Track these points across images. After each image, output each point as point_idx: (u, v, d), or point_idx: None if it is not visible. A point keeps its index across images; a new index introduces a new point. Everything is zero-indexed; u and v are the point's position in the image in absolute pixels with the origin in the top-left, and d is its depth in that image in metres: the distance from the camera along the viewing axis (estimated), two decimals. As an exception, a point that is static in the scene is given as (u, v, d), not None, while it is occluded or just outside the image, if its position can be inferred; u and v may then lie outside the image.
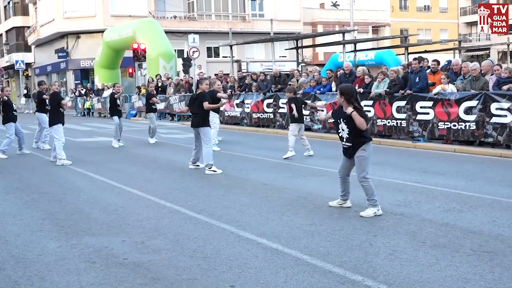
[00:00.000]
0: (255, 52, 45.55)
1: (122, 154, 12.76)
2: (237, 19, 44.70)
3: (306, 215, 6.91)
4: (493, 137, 12.38)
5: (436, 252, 5.30)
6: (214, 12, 44.22)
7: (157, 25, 32.21)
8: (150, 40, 30.19)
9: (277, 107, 18.76)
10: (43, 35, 45.13)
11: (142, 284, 4.62)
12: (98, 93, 32.95)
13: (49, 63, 46.39)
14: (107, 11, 40.36)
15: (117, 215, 7.15)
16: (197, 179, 9.79)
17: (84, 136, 18.90)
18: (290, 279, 4.67)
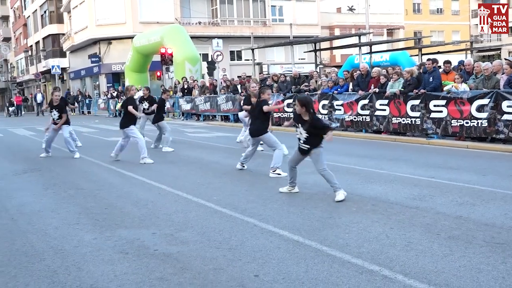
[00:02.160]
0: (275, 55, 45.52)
1: (151, 152, 12.83)
2: (258, 24, 44.68)
3: (325, 209, 6.90)
4: (504, 133, 12.22)
5: (450, 244, 5.26)
6: (236, 18, 44.25)
7: (183, 31, 32.36)
8: (176, 45, 30.37)
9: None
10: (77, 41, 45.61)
11: (171, 274, 4.65)
12: (128, 95, 33.20)
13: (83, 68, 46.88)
14: (136, 18, 40.63)
15: (147, 209, 7.21)
16: (221, 175, 9.82)
17: (116, 135, 19.04)
18: (311, 269, 4.67)
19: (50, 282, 4.55)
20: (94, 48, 43.86)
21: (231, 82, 24.72)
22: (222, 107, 23.78)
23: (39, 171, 11.05)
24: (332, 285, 4.30)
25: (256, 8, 44.98)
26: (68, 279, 4.61)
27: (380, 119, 15.39)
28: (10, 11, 73.70)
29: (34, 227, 6.41)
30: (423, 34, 46.70)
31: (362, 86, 16.39)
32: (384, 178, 8.88)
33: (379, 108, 15.37)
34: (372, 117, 15.66)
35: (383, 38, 48.37)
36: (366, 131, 15.94)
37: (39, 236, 6.02)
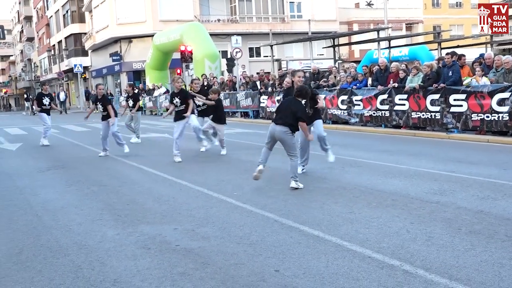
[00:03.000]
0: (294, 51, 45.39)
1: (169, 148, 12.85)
2: (277, 21, 44.58)
3: (345, 204, 6.87)
4: (526, 127, 12.05)
5: (472, 238, 5.20)
6: (255, 15, 44.21)
7: (202, 28, 32.43)
8: (196, 42, 30.44)
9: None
10: (99, 40, 46.00)
11: (193, 269, 4.67)
12: (149, 92, 33.40)
13: (104, 66, 47.27)
14: (156, 17, 40.82)
15: (169, 205, 7.24)
16: (242, 171, 9.83)
17: (137, 132, 19.17)
18: (331, 264, 4.65)
19: (75, 277, 4.60)
20: (115, 47, 44.18)
21: (250, 79, 24.71)
22: (242, 103, 23.79)
23: (63, 168, 11.17)
24: (352, 280, 4.28)
25: (274, 4, 44.88)
26: (92, 274, 4.65)
27: (400, 113, 15.26)
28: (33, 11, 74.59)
29: (58, 223, 6.48)
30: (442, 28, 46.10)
31: (381, 81, 16.27)
32: (404, 173, 8.81)
33: (398, 103, 15.25)
34: (391, 112, 15.54)
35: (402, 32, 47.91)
36: (386, 126, 15.83)
37: (63, 232, 6.09)
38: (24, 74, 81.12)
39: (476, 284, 4.08)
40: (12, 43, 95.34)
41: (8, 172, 10.88)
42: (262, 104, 22.20)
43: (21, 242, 5.71)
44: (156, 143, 15.32)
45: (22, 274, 4.73)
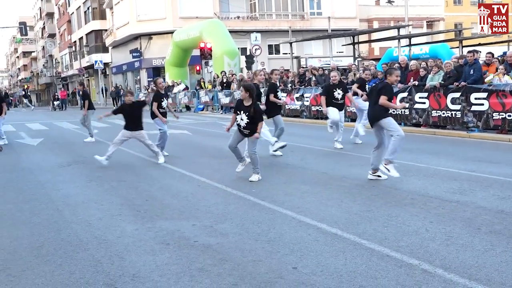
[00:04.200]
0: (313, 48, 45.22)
1: (191, 145, 12.95)
2: (296, 18, 44.46)
3: (363, 202, 6.84)
4: (549, 127, 11.88)
5: (492, 238, 5.14)
6: (274, 12, 44.13)
7: (221, 25, 32.47)
8: (215, 39, 30.50)
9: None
10: (119, 37, 46.31)
11: (211, 265, 4.69)
12: (168, 89, 33.54)
13: (125, 63, 47.57)
14: (176, 14, 40.96)
15: (187, 201, 7.28)
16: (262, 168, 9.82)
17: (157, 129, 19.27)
18: (349, 262, 4.64)
19: (94, 271, 4.65)
20: (135, 43, 44.45)
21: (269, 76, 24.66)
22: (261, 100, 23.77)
23: (83, 163, 11.28)
24: (370, 278, 4.27)
25: (294, 1, 44.75)
26: (111, 268, 4.70)
27: (420, 112, 15.13)
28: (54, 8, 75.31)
29: (78, 218, 6.55)
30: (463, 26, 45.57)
31: (401, 79, 16.12)
32: (423, 172, 8.74)
33: (418, 101, 15.12)
34: (411, 110, 15.42)
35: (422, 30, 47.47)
36: (405, 124, 15.69)
37: (83, 226, 6.15)
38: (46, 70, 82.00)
39: (496, 284, 4.05)
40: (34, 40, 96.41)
41: (30, 167, 11.02)
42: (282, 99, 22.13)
43: (42, 236, 5.79)
44: (176, 140, 15.38)
45: (43, 268, 4.79)
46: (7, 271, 4.77)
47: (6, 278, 4.59)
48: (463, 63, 14.64)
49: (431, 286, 4.07)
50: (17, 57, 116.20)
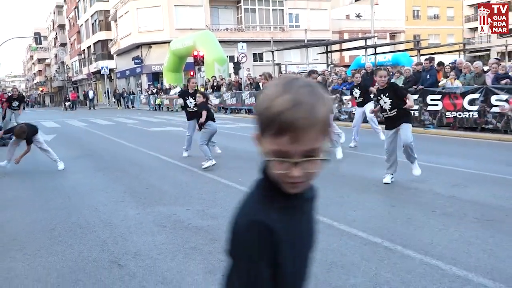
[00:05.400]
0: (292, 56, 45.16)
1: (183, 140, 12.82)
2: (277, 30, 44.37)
3: (335, 189, 6.86)
4: (493, 124, 12.01)
5: (444, 220, 5.19)
6: (258, 24, 44.00)
7: (212, 36, 32.33)
8: (207, 48, 30.35)
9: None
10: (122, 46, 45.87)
11: (203, 244, 4.68)
12: (166, 91, 33.33)
13: (127, 68, 47.17)
14: (172, 26, 40.68)
15: (182, 189, 7.25)
16: (246, 160, 9.81)
17: (156, 126, 19.21)
18: (323, 241, 4.64)
19: (100, 250, 4.61)
20: (137, 52, 44.07)
21: (254, 80, 24.69)
22: (246, 101, 23.75)
23: (91, 156, 11.18)
24: (341, 255, 4.29)
25: (275, 16, 44.66)
26: (115, 248, 4.67)
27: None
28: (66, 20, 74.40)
29: (86, 204, 6.50)
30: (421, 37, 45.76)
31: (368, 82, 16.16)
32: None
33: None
34: (376, 110, 15.46)
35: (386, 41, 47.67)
36: (371, 122, 15.75)
37: (90, 211, 6.11)
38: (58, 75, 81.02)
39: (448, 259, 4.08)
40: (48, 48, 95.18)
41: (44, 160, 10.88)
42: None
43: (55, 220, 5.74)
44: (172, 136, 15.32)
45: (56, 247, 4.75)
46: (23, 250, 4.72)
47: (23, 257, 4.54)
48: (421, 69, 14.75)
49: (392, 260, 4.10)
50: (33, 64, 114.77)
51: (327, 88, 9.47)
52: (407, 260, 4.09)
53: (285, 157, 1.17)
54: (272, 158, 1.20)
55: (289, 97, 1.15)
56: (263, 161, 1.27)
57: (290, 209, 1.27)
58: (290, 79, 1.21)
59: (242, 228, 1.22)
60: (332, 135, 1.17)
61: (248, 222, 1.22)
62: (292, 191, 1.23)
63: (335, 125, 11.09)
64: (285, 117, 1.13)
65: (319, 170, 1.24)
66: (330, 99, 1.23)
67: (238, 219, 1.25)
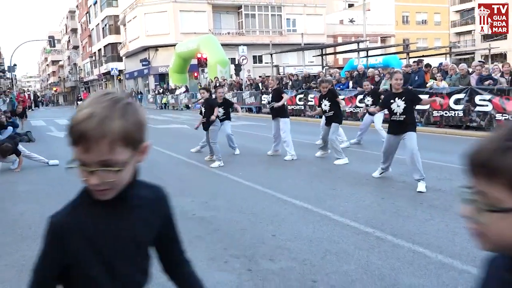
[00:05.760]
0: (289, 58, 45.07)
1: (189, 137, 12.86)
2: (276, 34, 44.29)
3: (329, 183, 6.88)
4: (476, 122, 12.01)
5: (431, 211, 5.21)
6: (258, 29, 43.93)
7: (215, 40, 32.29)
8: (210, 51, 30.32)
9: (307, 101, 18.61)
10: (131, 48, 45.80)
11: (206, 233, 4.69)
12: (172, 91, 33.33)
13: (136, 70, 47.10)
14: (177, 30, 40.61)
15: (187, 182, 7.26)
16: (247, 156, 9.84)
17: (162, 124, 19.21)
18: (317, 230, 4.66)
19: (111, 239, 4.62)
20: (144, 54, 44.00)
21: (254, 81, 24.67)
22: (247, 101, 23.73)
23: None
24: (334, 243, 4.30)
25: (274, 21, 44.58)
26: (124, 237, 4.67)
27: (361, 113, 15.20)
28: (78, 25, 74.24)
29: (98, 196, 6.50)
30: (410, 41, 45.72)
31: (360, 83, 16.19)
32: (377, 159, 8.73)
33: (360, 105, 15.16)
34: (368, 109, 15.46)
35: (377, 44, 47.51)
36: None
37: (102, 203, 6.10)
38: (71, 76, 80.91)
39: (434, 247, 4.10)
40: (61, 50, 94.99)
41: (58, 154, 10.90)
42: (263, 101, 22.15)
43: (68, 211, 5.74)
44: (178, 132, 15.33)
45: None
46: (38, 239, 4.70)
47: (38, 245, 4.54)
48: (410, 71, 14.73)
49: (382, 249, 4.12)
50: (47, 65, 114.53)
51: (335, 95, 8.72)
52: (396, 249, 4.11)
53: (83, 165, 1.18)
54: (76, 166, 1.20)
55: (87, 110, 1.14)
56: None
57: (100, 215, 1.26)
58: (100, 94, 1.20)
59: (46, 224, 1.27)
60: None
61: (49, 220, 1.27)
62: (99, 198, 1.23)
63: (341, 132, 10.23)
64: (77, 128, 1.13)
65: (120, 179, 1.22)
66: (138, 115, 1.22)
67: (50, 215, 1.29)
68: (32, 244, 4.58)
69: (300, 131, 12.93)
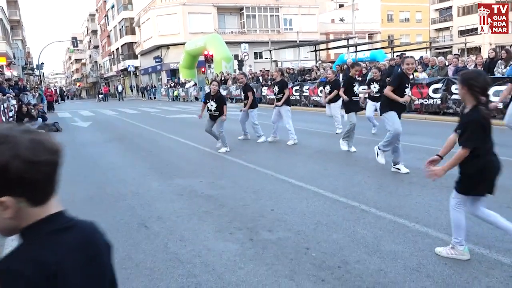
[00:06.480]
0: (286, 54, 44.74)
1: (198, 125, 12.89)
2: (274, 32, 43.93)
3: (321, 163, 6.92)
4: (453, 108, 12.00)
5: (410, 187, 5.25)
6: (258, 28, 43.58)
7: (220, 38, 32.07)
8: (215, 48, 30.15)
9: (302, 92, 18.56)
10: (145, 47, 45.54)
11: (213, 209, 4.76)
12: (182, 85, 33.22)
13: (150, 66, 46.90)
14: (186, 30, 40.34)
15: (196, 165, 7.31)
16: (249, 142, 9.87)
17: (174, 114, 19.21)
18: (311, 205, 4.72)
19: (130, 215, 4.70)
20: (157, 52, 43.77)
21: (255, 75, 24.58)
22: (249, 93, 23.67)
23: (121, 139, 11.23)
24: (325, 215, 4.36)
25: (272, 20, 44.21)
26: (142, 212, 4.75)
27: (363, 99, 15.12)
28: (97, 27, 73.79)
29: (118, 178, 6.57)
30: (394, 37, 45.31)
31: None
32: (364, 142, 8.81)
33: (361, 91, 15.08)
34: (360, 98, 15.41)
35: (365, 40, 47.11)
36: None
37: (122, 183, 6.17)
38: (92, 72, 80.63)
39: (412, 218, 4.16)
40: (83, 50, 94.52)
41: (83, 142, 10.96)
42: (264, 93, 22.11)
43: (92, 191, 5.81)
44: (187, 121, 15.34)
45: (93, 213, 4.83)
46: (67, 216, 4.80)
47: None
48: (393, 64, 14.67)
49: (366, 220, 4.17)
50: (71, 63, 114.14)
51: None
52: (379, 220, 4.16)
53: None
54: None
55: None
56: None
57: None
58: (4, 128, 0.99)
59: None
60: None
61: None
62: None
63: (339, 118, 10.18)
64: None
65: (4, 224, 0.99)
66: (26, 150, 0.95)
67: None
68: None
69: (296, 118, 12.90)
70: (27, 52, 55.18)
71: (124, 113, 21.63)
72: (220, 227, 4.16)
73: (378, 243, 3.62)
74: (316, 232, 3.93)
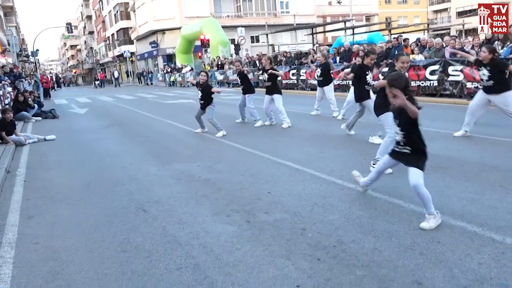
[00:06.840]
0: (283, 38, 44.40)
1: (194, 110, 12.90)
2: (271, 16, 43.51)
3: (318, 146, 6.95)
4: (449, 90, 12.00)
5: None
6: (254, 11, 43.16)
7: (216, 22, 31.79)
8: (212, 33, 29.91)
9: (299, 75, 18.50)
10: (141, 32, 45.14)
11: (210, 192, 4.80)
12: (179, 70, 33.02)
13: (146, 52, 46.55)
14: (182, 14, 39.94)
15: (193, 149, 7.34)
16: (246, 126, 9.89)
17: (171, 99, 19.16)
18: (307, 187, 4.77)
19: (128, 199, 4.74)
20: (153, 37, 43.39)
21: (252, 59, 24.43)
22: (246, 77, 23.56)
23: (118, 125, 11.23)
24: (321, 197, 4.41)
25: (269, 3, 43.73)
26: (140, 197, 4.79)
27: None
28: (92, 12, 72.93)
29: (116, 163, 6.60)
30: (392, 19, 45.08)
31: (346, 58, 16.09)
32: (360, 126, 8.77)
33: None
34: (353, 81, 15.38)
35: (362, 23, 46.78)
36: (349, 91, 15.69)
37: (119, 169, 6.21)
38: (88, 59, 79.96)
39: (407, 199, 4.21)
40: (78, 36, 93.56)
41: (80, 128, 10.96)
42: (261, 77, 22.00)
43: (90, 177, 5.85)
44: (184, 107, 15.31)
45: (92, 198, 4.88)
46: (66, 201, 4.85)
47: (66, 206, 4.67)
48: (390, 46, 14.61)
49: (362, 201, 4.23)
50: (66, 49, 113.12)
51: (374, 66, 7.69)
52: (374, 200, 4.22)
53: None
54: None
55: None
56: None
57: None
58: None
59: None
60: None
61: None
62: None
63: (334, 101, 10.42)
64: None
65: None
66: None
67: None
68: (61, 205, 4.71)
69: (293, 102, 12.94)
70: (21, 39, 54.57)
71: (121, 99, 21.55)
72: (218, 210, 4.20)
73: (373, 223, 3.68)
74: (312, 213, 3.98)
